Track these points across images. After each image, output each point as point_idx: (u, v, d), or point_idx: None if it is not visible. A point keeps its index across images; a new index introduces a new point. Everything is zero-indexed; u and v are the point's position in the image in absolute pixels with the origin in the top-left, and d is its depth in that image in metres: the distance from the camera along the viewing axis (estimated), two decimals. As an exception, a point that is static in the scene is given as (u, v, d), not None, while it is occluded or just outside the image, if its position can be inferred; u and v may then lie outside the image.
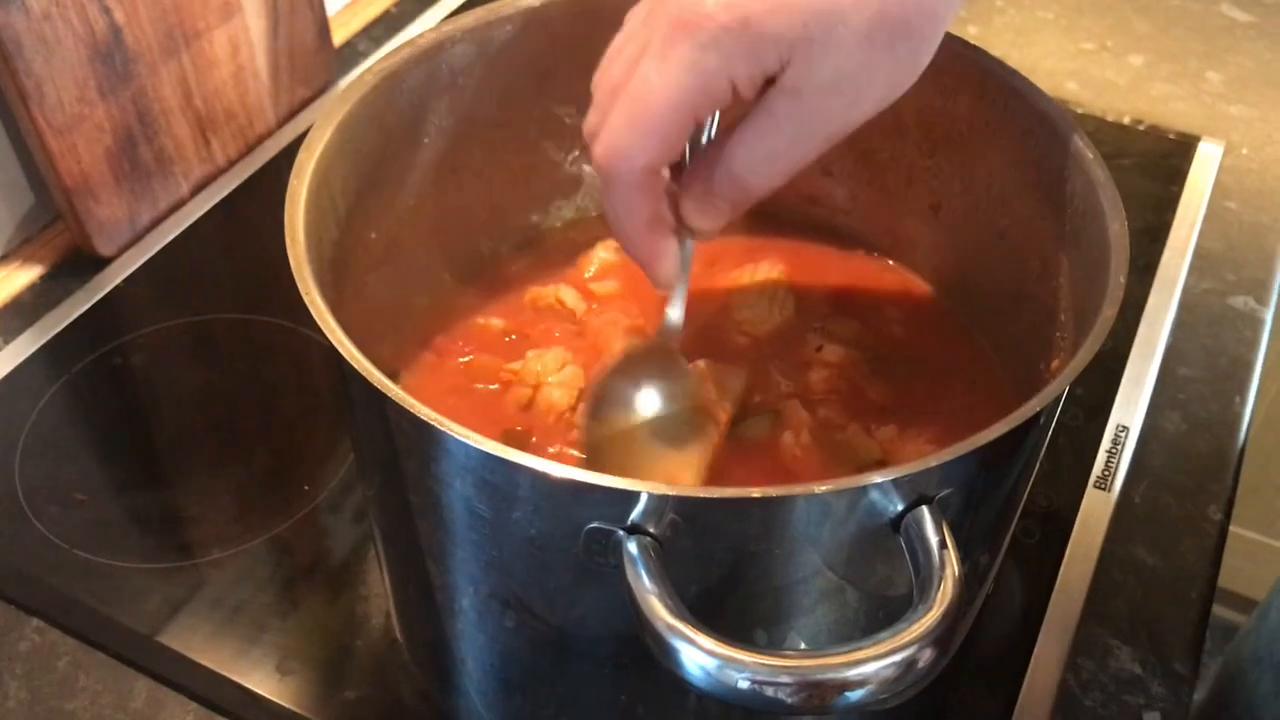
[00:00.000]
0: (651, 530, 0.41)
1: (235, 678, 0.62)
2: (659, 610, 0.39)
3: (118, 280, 0.83)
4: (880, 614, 0.49)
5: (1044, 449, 0.53)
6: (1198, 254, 0.89)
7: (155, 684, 0.63)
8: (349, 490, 0.71)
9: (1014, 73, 0.58)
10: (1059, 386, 0.44)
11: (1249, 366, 0.82)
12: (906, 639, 0.38)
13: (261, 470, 0.73)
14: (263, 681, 0.62)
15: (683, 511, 0.41)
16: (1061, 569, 0.68)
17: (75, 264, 0.85)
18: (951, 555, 0.41)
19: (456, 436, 0.42)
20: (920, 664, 0.39)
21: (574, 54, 0.65)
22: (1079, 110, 1.02)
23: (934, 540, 0.41)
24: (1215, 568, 0.71)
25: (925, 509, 0.42)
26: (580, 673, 0.53)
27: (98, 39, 0.78)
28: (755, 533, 0.43)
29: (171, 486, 0.73)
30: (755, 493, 0.40)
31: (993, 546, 0.55)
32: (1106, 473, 0.73)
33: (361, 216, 0.58)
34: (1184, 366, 0.81)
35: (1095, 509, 0.71)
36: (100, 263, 0.85)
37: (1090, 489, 0.72)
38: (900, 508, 0.42)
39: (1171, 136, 0.99)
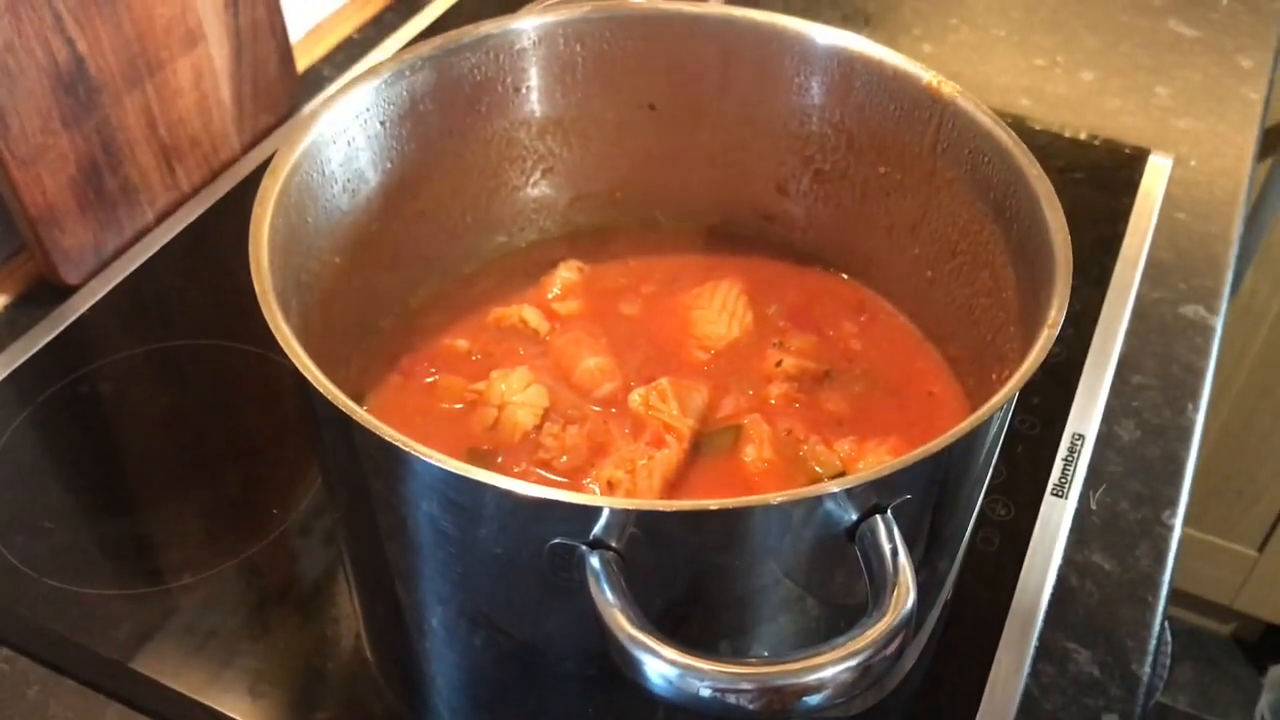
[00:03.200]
0: (613, 544, 0.42)
1: (207, 702, 0.62)
2: (621, 622, 0.40)
3: (84, 309, 0.84)
4: (841, 622, 0.50)
5: (996, 456, 0.54)
6: (1149, 264, 0.91)
7: (127, 710, 0.63)
8: (318, 513, 0.71)
9: (961, 93, 0.60)
10: (1003, 397, 0.45)
11: (1200, 374, 0.84)
12: (862, 644, 0.39)
13: (230, 495, 0.73)
14: (235, 705, 0.62)
15: (643, 525, 0.42)
16: (1020, 576, 0.70)
17: (41, 293, 0.85)
18: (905, 562, 0.42)
19: (421, 457, 0.43)
20: (876, 668, 0.40)
21: (534, 79, 0.67)
22: (1032, 125, 1.04)
23: (887, 548, 0.42)
24: (1171, 571, 0.72)
25: (879, 518, 0.43)
26: (549, 688, 0.54)
27: (61, 69, 0.79)
28: (715, 544, 0.44)
29: (140, 512, 0.73)
30: (713, 505, 0.41)
31: (949, 553, 0.56)
32: (1063, 480, 0.75)
33: (326, 241, 0.59)
34: (1137, 374, 0.83)
35: (1053, 516, 0.73)
36: (66, 291, 0.85)
37: (1048, 496, 0.74)
38: (854, 517, 0.43)
39: (1123, 150, 1.02)
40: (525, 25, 0.65)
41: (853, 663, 0.39)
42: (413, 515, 0.47)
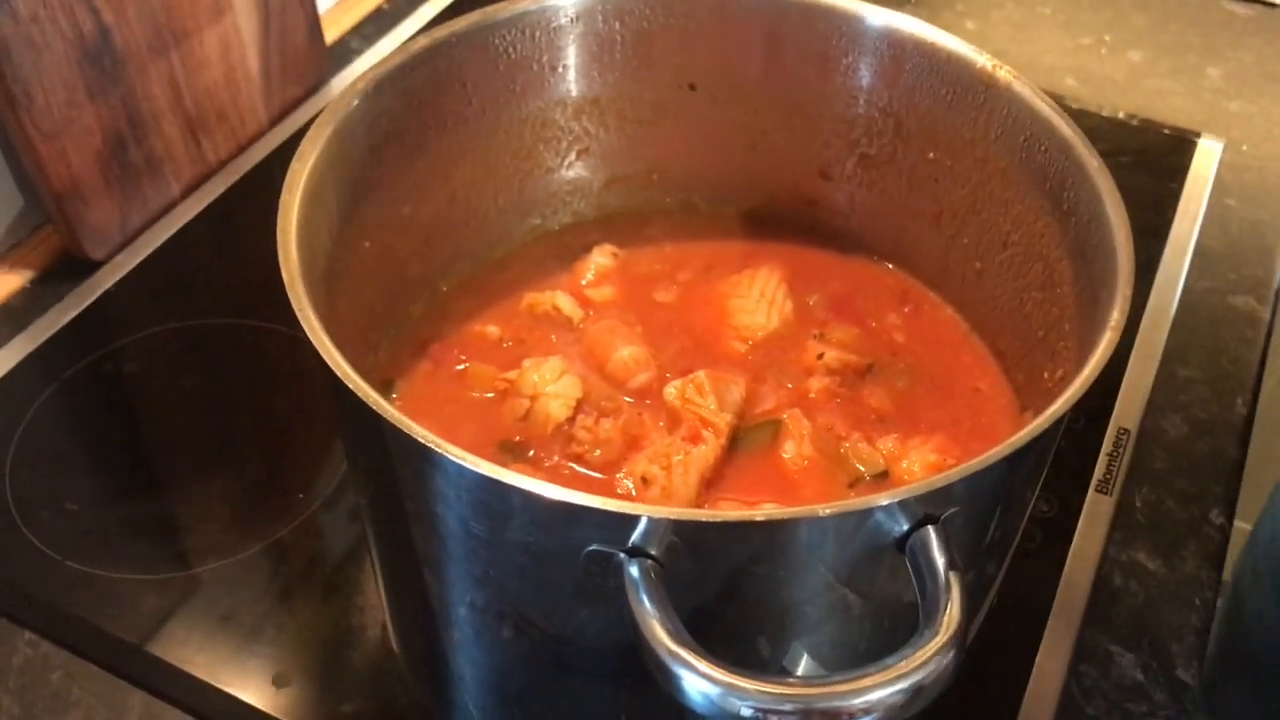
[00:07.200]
0: (653, 552, 0.41)
1: (231, 690, 0.61)
2: (660, 635, 0.39)
3: (109, 284, 0.82)
4: (886, 624, 0.48)
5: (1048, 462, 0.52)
6: (1198, 252, 0.89)
7: (149, 697, 0.62)
8: (344, 497, 0.70)
9: (1017, 78, 0.58)
10: (1064, 405, 0.43)
11: (1250, 367, 0.81)
12: (912, 665, 0.38)
13: (256, 477, 0.72)
14: (259, 694, 0.61)
15: (684, 534, 0.40)
16: (1063, 574, 0.68)
17: (65, 268, 0.84)
18: (957, 577, 0.40)
19: (452, 458, 0.41)
20: (928, 689, 0.38)
21: (571, 58, 0.65)
22: (1076, 106, 1.01)
23: (940, 561, 0.40)
24: (1218, 572, 0.70)
25: (931, 529, 0.41)
26: (578, 686, 0.52)
27: (86, 40, 0.77)
28: (758, 554, 0.42)
29: (165, 495, 0.72)
30: (758, 516, 0.39)
31: (998, 556, 0.54)
32: (1108, 476, 0.73)
33: (355, 226, 0.58)
34: (1185, 368, 0.81)
35: (1097, 513, 0.71)
36: (91, 266, 0.84)
37: (1092, 493, 0.72)
38: (905, 528, 0.41)
39: (1170, 133, 0.99)
40: (563, 2, 0.62)
41: (903, 685, 0.37)
42: (441, 511, 0.46)
